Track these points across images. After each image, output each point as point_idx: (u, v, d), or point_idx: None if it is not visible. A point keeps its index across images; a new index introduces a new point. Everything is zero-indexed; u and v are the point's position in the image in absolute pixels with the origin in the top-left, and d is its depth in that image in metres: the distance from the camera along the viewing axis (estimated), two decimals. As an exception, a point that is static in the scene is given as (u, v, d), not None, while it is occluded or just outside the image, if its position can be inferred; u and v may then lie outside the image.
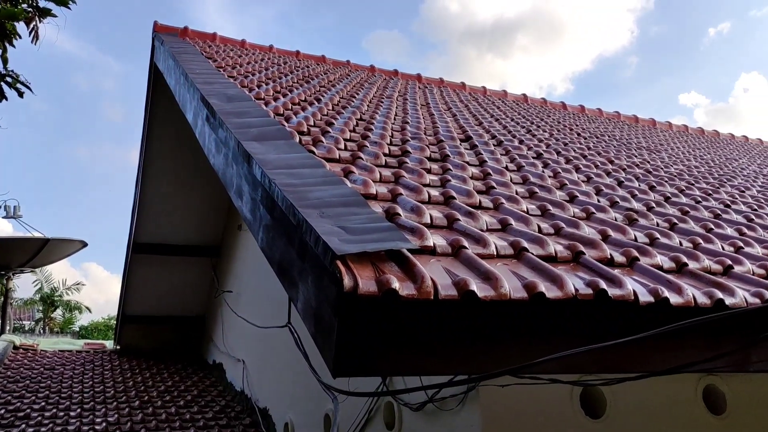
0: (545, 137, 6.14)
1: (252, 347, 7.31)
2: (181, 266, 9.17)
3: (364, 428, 4.55)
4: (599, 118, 10.14)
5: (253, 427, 6.52)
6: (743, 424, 3.72)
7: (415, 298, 1.89)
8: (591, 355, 2.26)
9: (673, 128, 11.29)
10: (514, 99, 10.10)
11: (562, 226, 2.85)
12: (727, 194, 4.96)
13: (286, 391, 6.05)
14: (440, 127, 5.24)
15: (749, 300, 2.39)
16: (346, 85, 6.93)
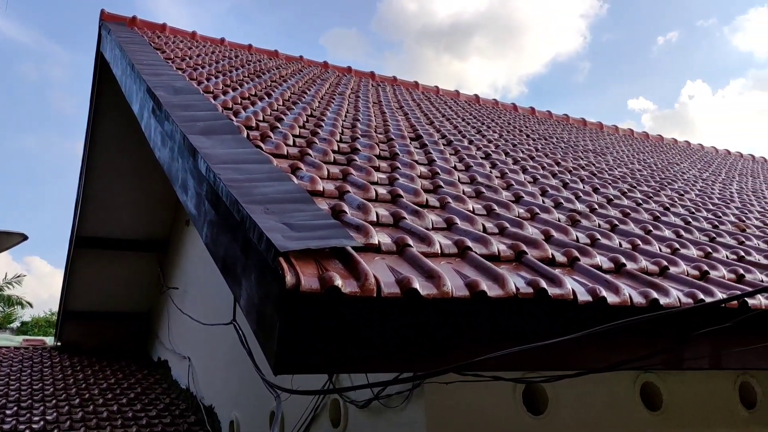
0: (495, 138, 6.22)
1: (198, 344, 7.20)
2: (127, 261, 8.97)
3: (310, 426, 4.53)
4: (549, 121, 10.33)
5: (198, 426, 6.43)
6: (678, 419, 3.84)
7: (358, 295, 1.89)
8: (531, 353, 2.30)
9: (620, 132, 11.58)
10: (466, 99, 10.20)
11: (506, 226, 2.90)
12: (667, 197, 5.12)
13: (232, 388, 5.98)
14: (391, 125, 5.26)
15: (683, 300, 2.47)
16: (298, 81, 6.89)
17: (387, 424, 3.61)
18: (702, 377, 3.99)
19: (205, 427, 6.35)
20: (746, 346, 2.64)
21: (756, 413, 4.12)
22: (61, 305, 9.26)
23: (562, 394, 3.55)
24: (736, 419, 4.05)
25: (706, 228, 4.15)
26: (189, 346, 7.54)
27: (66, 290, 9.01)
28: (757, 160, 12.55)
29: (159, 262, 9.04)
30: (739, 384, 4.14)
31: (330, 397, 4.31)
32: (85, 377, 7.79)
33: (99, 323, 9.32)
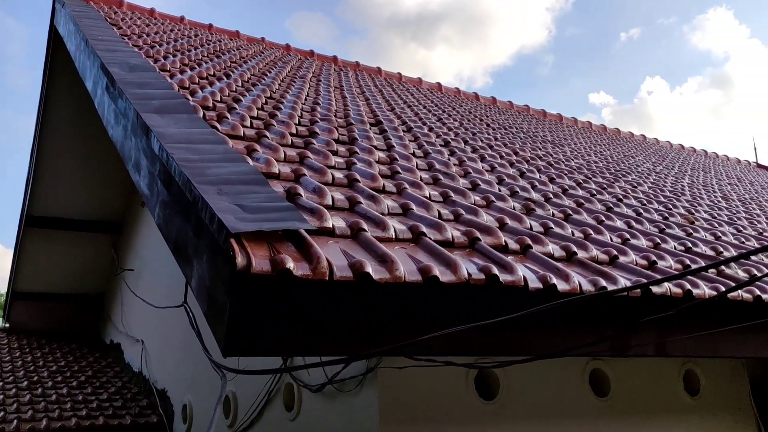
0: (455, 126, 6.25)
1: (152, 327, 7.10)
2: (80, 242, 8.76)
3: (263, 410, 4.52)
4: (509, 111, 10.42)
5: (150, 409, 6.34)
6: (624, 405, 3.95)
7: (309, 278, 1.89)
8: (482, 338, 2.33)
9: (578, 124, 11.76)
10: (428, 87, 10.22)
11: (461, 213, 2.92)
12: (621, 189, 5.22)
13: (186, 372, 5.92)
14: (351, 110, 5.23)
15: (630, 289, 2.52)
16: (259, 63, 6.80)
17: (340, 408, 3.62)
18: (648, 365, 4.10)
19: (157, 410, 6.27)
20: (689, 333, 2.72)
21: (699, 400, 4.26)
22: (10, 286, 9.02)
23: (514, 380, 3.61)
24: (680, 406, 4.18)
25: (656, 219, 4.25)
26: (142, 329, 7.43)
27: (15, 270, 8.78)
28: (710, 156, 12.88)
29: (113, 244, 8.87)
30: (683, 372, 4.27)
31: (284, 381, 4.30)
32: (34, 360, 7.62)
33: (50, 305, 9.10)
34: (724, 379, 4.42)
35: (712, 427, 4.27)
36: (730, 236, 4.37)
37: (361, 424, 3.38)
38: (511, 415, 3.56)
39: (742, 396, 4.48)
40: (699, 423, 4.21)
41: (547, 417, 3.66)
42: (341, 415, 3.59)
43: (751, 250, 2.02)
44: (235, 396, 4.95)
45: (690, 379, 4.32)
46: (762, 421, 4.44)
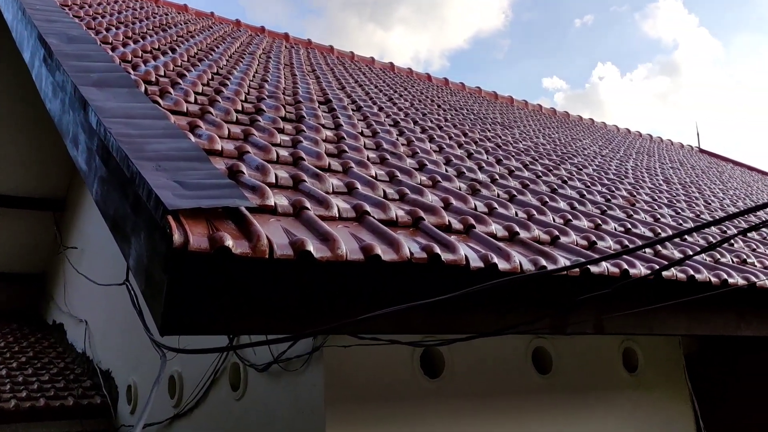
0: (405, 106, 6.24)
1: (96, 307, 6.95)
2: (20, 220, 8.48)
3: (209, 390, 4.48)
4: (461, 92, 10.47)
5: (94, 390, 6.23)
6: (565, 382, 4.05)
7: (249, 256, 1.86)
8: (425, 317, 2.36)
9: (529, 107, 11.90)
10: (381, 67, 10.18)
11: (407, 193, 2.92)
12: (566, 171, 5.31)
13: (131, 352, 5.82)
14: (300, 88, 5.18)
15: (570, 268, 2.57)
16: (207, 38, 6.65)
17: (286, 387, 3.62)
18: (589, 343, 4.21)
19: (101, 391, 6.16)
20: (626, 311, 2.80)
21: (637, 376, 4.40)
22: (-55, 265, 8.69)
23: (458, 358, 3.66)
24: (619, 382, 4.31)
25: (599, 201, 4.34)
26: (86, 309, 7.26)
27: (-50, 249, 8.46)
28: (654, 140, 13.22)
29: (56, 221, 8.61)
30: (622, 350, 4.40)
31: (230, 361, 4.27)
32: (-29, 341, 7.39)
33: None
34: (660, 356, 4.57)
35: (649, 402, 4.42)
36: (669, 218, 4.51)
37: (307, 403, 3.39)
38: (455, 392, 3.62)
39: (677, 372, 4.65)
40: (637, 398, 4.36)
41: (491, 394, 3.73)
42: (287, 394, 3.59)
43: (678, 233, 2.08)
44: (181, 376, 4.90)
45: (629, 357, 4.45)
46: (695, 395, 4.62)
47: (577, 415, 4.04)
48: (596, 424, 4.11)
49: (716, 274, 3.06)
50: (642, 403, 4.37)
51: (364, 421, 3.31)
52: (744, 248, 4.12)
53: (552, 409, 3.95)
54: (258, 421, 3.85)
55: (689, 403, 4.63)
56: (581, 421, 4.04)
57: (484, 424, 3.66)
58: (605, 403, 4.20)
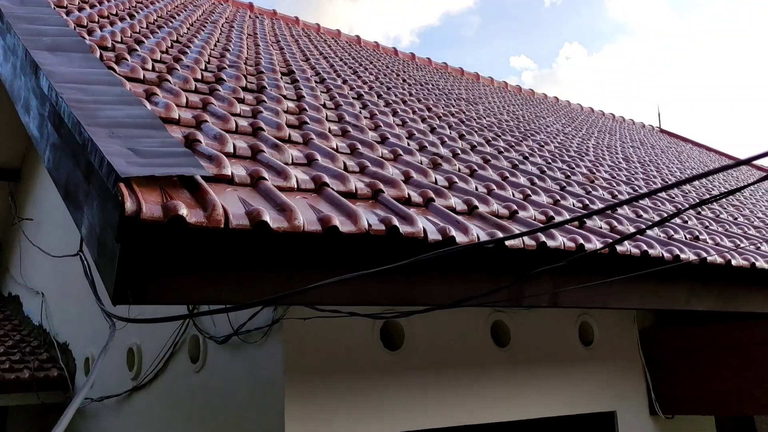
0: (370, 80, 6.20)
1: (53, 279, 6.82)
2: (-28, 190, 8.25)
3: (168, 362, 4.46)
4: (427, 68, 10.43)
5: (51, 363, 6.14)
6: (523, 354, 4.13)
7: (204, 226, 1.84)
8: (384, 289, 2.36)
9: (495, 84, 11.93)
10: (347, 40, 10.07)
11: (367, 165, 2.91)
12: (528, 147, 5.35)
13: (89, 325, 5.74)
14: (263, 58, 5.10)
15: (527, 242, 2.61)
16: (168, 5, 6.49)
17: (246, 359, 3.61)
18: (546, 318, 4.29)
19: (58, 364, 6.08)
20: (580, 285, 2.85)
21: (593, 350, 4.51)
22: None
23: (418, 331, 3.70)
24: (575, 355, 4.41)
25: (558, 177, 4.39)
26: (43, 281, 7.12)
27: None
28: (617, 119, 13.39)
29: (11, 192, 8.38)
30: (579, 324, 4.49)
31: (189, 333, 4.25)
32: None
33: (-60, 256, 8.58)
34: (615, 330, 4.69)
35: (604, 374, 4.54)
36: (626, 195, 4.58)
37: (266, 375, 3.39)
38: (415, 364, 3.66)
39: (631, 346, 4.78)
40: (592, 371, 4.47)
41: (450, 366, 3.79)
42: (247, 366, 3.59)
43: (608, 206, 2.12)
44: (140, 349, 4.86)
45: (585, 331, 4.55)
46: (648, 368, 4.75)
47: (533, 387, 4.12)
48: (552, 396, 4.20)
49: (669, 249, 3.13)
50: (597, 375, 4.48)
51: (324, 392, 3.33)
52: (697, 225, 4.22)
53: (510, 380, 4.02)
54: (217, 393, 3.85)
55: (642, 375, 4.76)
56: (538, 392, 4.13)
57: (444, 395, 3.72)
58: (561, 375, 4.29)
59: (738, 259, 3.42)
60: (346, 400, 3.38)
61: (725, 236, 4.09)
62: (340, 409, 3.34)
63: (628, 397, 4.65)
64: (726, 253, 3.42)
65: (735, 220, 5.18)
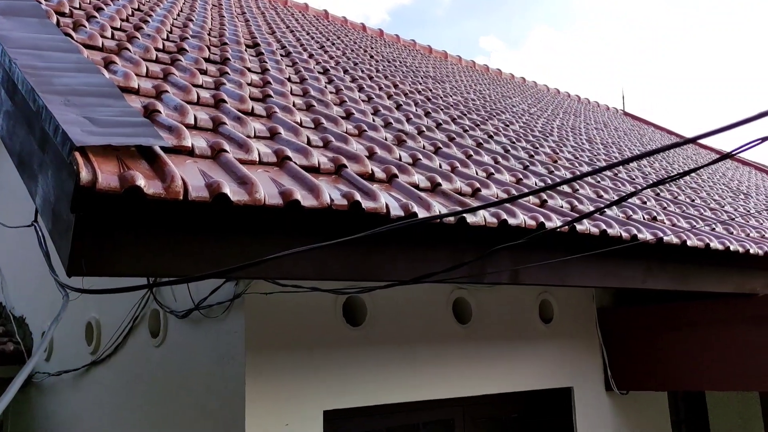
0: (337, 55, 6.14)
1: (9, 252, 6.67)
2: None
3: (127, 337, 4.41)
4: (395, 44, 10.37)
5: (7, 337, 6.02)
6: (483, 331, 4.18)
7: (162, 197, 1.81)
8: (346, 263, 2.36)
9: (463, 63, 11.92)
10: (315, 14, 9.95)
11: (331, 140, 2.89)
12: (493, 126, 5.37)
13: (46, 298, 5.64)
14: (227, 30, 5.00)
15: (488, 219, 2.63)
16: (130, -28, 6.31)
17: (207, 333, 3.59)
18: (507, 295, 4.35)
19: (14, 338, 5.97)
20: (540, 262, 2.89)
21: (552, 327, 4.59)
22: None
23: (381, 307, 3.72)
24: (535, 332, 4.48)
25: (522, 157, 4.43)
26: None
27: None
28: (582, 101, 13.53)
29: (-36, 162, 8.14)
30: (539, 302, 4.57)
31: (149, 307, 4.20)
32: None
33: None
34: (574, 308, 4.78)
35: (562, 351, 4.63)
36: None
37: (227, 350, 3.38)
38: (377, 340, 3.69)
39: (589, 324, 4.88)
40: (551, 348, 4.56)
41: (411, 342, 3.82)
42: (208, 340, 3.57)
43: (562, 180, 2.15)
44: (99, 323, 4.79)
45: (545, 309, 4.63)
46: (605, 345, 4.87)
47: (493, 363, 4.19)
48: (511, 372, 4.28)
49: (627, 229, 3.19)
50: (555, 352, 4.58)
51: (286, 368, 3.33)
52: (656, 206, 4.30)
53: (470, 356, 4.08)
54: (178, 368, 3.83)
55: (599, 352, 4.87)
56: (498, 368, 4.20)
57: (405, 370, 3.76)
58: (521, 352, 4.37)
59: (693, 239, 3.50)
60: (307, 375, 3.39)
61: (682, 217, 4.18)
62: (302, 384, 3.35)
63: (585, 374, 4.75)
64: (682, 234, 3.50)
65: (692, 201, 5.30)
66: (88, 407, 4.84)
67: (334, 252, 2.31)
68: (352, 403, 3.51)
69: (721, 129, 1.44)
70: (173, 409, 3.76)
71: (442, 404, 3.94)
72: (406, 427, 3.80)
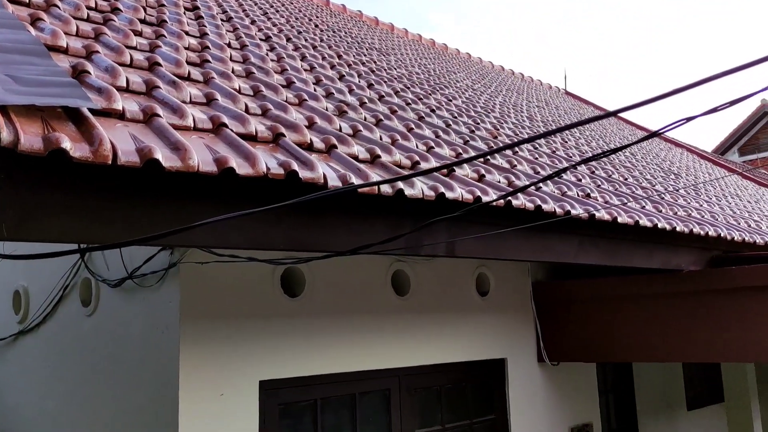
0: (280, 22, 6.03)
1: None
2: None
3: (56, 306, 4.29)
4: (342, 15, 10.25)
5: (-72, 306, 5.77)
6: (421, 303, 4.24)
7: (90, 161, 1.75)
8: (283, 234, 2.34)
9: (409, 36, 11.87)
10: (259, -20, 9.71)
11: (270, 108, 2.85)
12: (436, 101, 5.39)
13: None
14: (166, -9, 4.83)
15: (426, 192, 2.64)
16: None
17: (140, 303, 3.53)
18: (446, 267, 4.42)
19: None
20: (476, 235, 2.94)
21: (488, 300, 4.69)
22: None
23: (319, 278, 3.72)
24: (471, 305, 4.58)
25: (463, 132, 4.47)
26: None
27: None
28: (525, 79, 13.70)
29: None
30: (476, 275, 4.66)
31: (80, 276, 4.09)
32: None
33: None
34: (510, 282, 4.89)
35: (498, 324, 4.74)
36: (526, 152, 4.73)
37: (162, 319, 3.33)
38: (315, 311, 3.69)
39: (524, 297, 5.01)
40: (487, 320, 4.66)
41: (350, 313, 3.85)
42: (141, 310, 3.51)
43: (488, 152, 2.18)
44: (27, 291, 4.65)
45: (481, 282, 4.73)
46: (538, 318, 5.01)
47: (430, 334, 4.26)
48: (448, 343, 4.36)
49: (561, 205, 3.26)
50: (491, 325, 4.69)
51: (222, 338, 3.31)
52: (590, 184, 4.42)
53: (408, 328, 4.14)
54: (110, 338, 3.75)
55: (533, 324, 5.01)
56: (434, 339, 4.28)
57: (343, 341, 3.78)
58: (458, 324, 4.45)
59: (624, 216, 3.61)
60: (244, 346, 3.37)
61: (614, 195, 4.31)
62: (238, 355, 3.34)
63: (519, 346, 4.89)
64: (613, 211, 3.61)
65: (625, 180, 5.46)
66: (15, 378, 4.71)
67: (271, 222, 2.29)
68: (288, 373, 3.51)
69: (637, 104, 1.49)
70: (105, 380, 3.69)
71: (379, 375, 3.99)
72: (343, 398, 3.84)
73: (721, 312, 4.24)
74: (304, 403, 3.64)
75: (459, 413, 4.49)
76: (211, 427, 3.18)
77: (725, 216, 5.69)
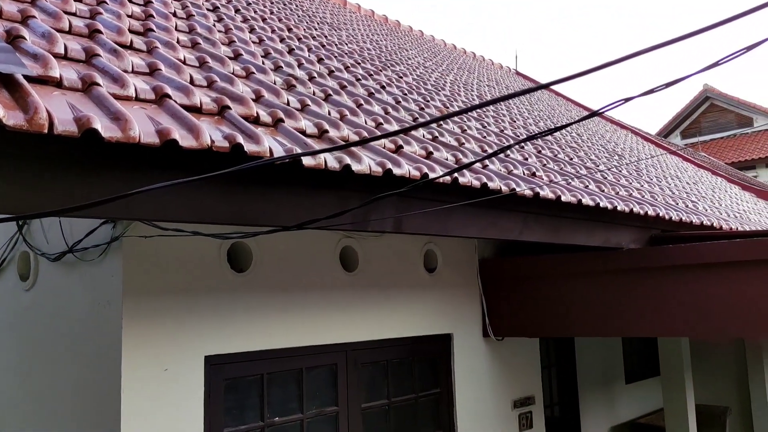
0: (230, -7, 5.90)
1: None
2: None
3: (-7, 280, 4.16)
4: (293, -13, 10.08)
5: None
6: (369, 279, 4.27)
7: (24, 129, 1.69)
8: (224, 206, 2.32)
9: (362, 12, 11.78)
10: (208, -52, 9.46)
11: (215, 80, 2.80)
12: (386, 77, 5.38)
13: None
14: (110, -43, 4.67)
15: (373, 168, 2.65)
16: None
17: (82, 277, 3.45)
18: (394, 244, 4.44)
19: None
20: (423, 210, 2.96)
21: (436, 276, 4.75)
22: None
23: (267, 253, 3.70)
24: (419, 281, 4.62)
25: (412, 109, 4.48)
26: None
27: None
28: (477, 58, 13.77)
29: None
30: (424, 252, 4.70)
31: (18, 249, 3.97)
32: None
33: None
34: (458, 259, 4.96)
35: (445, 299, 4.81)
36: (475, 131, 4.77)
37: (104, 294, 3.27)
38: (262, 286, 3.67)
39: (471, 274, 5.08)
40: (434, 296, 4.72)
41: (297, 288, 3.84)
42: (83, 284, 3.43)
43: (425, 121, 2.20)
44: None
45: (429, 258, 4.78)
46: (484, 294, 5.10)
47: (378, 310, 4.29)
48: (395, 319, 4.40)
49: (507, 183, 3.32)
50: (438, 301, 4.75)
51: (166, 313, 3.27)
52: (536, 163, 4.49)
53: (356, 304, 4.16)
54: (50, 312, 3.66)
55: (479, 300, 5.10)
56: (381, 315, 4.31)
57: (290, 317, 3.78)
58: (405, 299, 4.50)
59: (567, 195, 3.69)
60: (189, 321, 3.34)
61: (559, 174, 4.39)
62: (183, 330, 3.30)
63: (465, 321, 4.98)
64: (557, 189, 3.69)
65: (570, 160, 5.58)
66: (-51, 354, 4.55)
67: (216, 195, 2.26)
68: (234, 348, 3.50)
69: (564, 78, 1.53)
70: (45, 356, 3.61)
71: (326, 350, 4.01)
72: (289, 373, 3.85)
73: (659, 289, 4.39)
74: (250, 378, 3.63)
75: (405, 387, 4.56)
76: (155, 403, 3.15)
77: (665, 196, 5.87)
